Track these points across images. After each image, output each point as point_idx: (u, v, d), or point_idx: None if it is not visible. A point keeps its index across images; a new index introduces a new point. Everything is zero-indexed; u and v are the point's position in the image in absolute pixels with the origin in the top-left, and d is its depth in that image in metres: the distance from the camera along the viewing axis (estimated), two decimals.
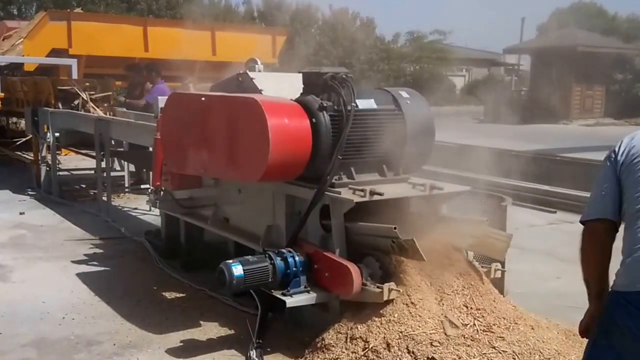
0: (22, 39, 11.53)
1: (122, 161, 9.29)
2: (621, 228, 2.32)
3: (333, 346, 3.53)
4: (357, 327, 3.54)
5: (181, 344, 4.17)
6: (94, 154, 8.95)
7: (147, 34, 12.10)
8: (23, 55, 11.31)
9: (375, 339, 3.44)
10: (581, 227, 2.38)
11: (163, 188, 5.19)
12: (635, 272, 2.18)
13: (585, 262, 2.37)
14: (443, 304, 3.55)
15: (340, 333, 3.57)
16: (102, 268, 5.77)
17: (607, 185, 2.35)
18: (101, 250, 6.30)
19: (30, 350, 4.10)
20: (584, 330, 2.41)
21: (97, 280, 5.39)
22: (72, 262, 5.88)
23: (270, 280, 3.76)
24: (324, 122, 3.82)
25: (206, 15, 14.67)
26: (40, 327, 4.44)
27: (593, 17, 31.00)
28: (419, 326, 3.42)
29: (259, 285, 3.77)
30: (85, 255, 6.11)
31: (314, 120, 3.82)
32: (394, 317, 3.48)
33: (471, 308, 3.54)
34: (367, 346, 3.43)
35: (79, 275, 5.52)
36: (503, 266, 3.92)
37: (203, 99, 4.20)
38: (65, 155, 10.46)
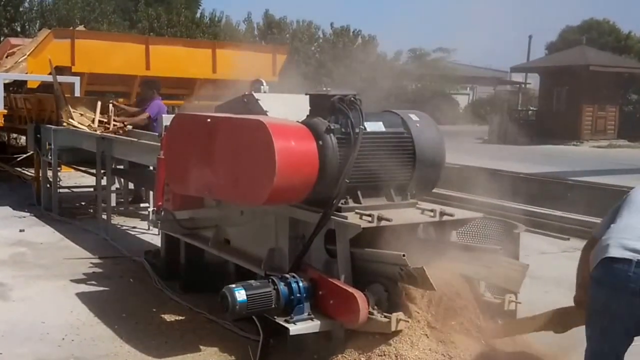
0: (25, 56, 11.56)
1: (122, 179, 9.25)
2: None
3: None
4: (362, 358, 3.45)
5: None
6: (93, 171, 8.94)
7: (149, 52, 12.15)
8: (27, 73, 11.34)
9: None
10: None
11: (164, 208, 5.14)
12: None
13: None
14: (453, 341, 3.45)
15: None
16: (102, 288, 5.70)
17: (610, 213, 3.11)
18: (100, 270, 6.25)
19: None
20: None
21: (96, 301, 5.33)
22: (72, 281, 5.83)
23: (273, 306, 3.68)
24: (331, 145, 3.76)
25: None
26: (40, 347, 4.38)
27: (605, 35, 30.81)
28: None
29: (262, 311, 3.70)
30: (84, 274, 6.06)
31: (320, 142, 3.75)
32: (401, 350, 3.39)
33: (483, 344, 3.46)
34: None
35: (78, 295, 5.46)
36: (517, 297, 3.82)
37: (208, 120, 4.16)
38: (65, 172, 10.41)
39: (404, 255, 3.38)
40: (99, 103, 8.90)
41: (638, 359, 3.10)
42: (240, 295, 3.60)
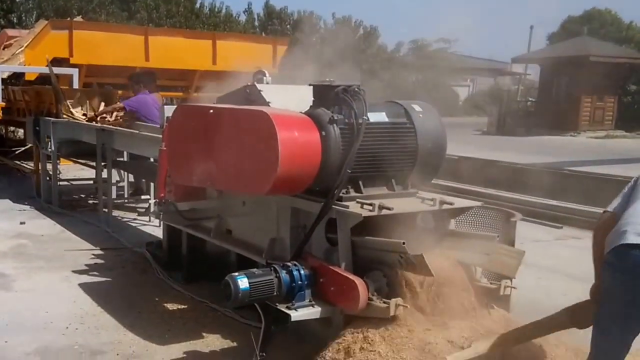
0: (23, 48, 11.53)
1: (122, 171, 9.28)
2: None
3: None
4: (360, 343, 3.51)
5: (184, 355, 4.19)
6: (92, 163, 8.97)
7: (148, 43, 12.11)
8: (24, 65, 11.32)
9: (381, 355, 3.41)
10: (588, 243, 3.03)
11: (166, 199, 5.18)
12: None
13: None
14: (448, 325, 3.52)
15: (341, 350, 3.54)
16: (104, 279, 5.76)
17: (626, 189, 3.09)
18: (102, 261, 6.30)
19: (35, 359, 4.12)
20: None
21: (99, 291, 5.39)
22: (74, 272, 5.88)
23: (275, 293, 3.74)
24: (333, 136, 3.79)
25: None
26: (44, 336, 4.45)
27: (607, 25, 30.64)
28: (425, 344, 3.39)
29: (264, 298, 3.74)
30: (86, 265, 6.11)
31: (323, 133, 3.78)
32: (399, 334, 3.45)
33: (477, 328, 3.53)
34: None
35: (81, 285, 5.52)
36: (512, 283, 3.90)
37: (211, 111, 4.19)
38: (63, 164, 10.44)
39: (404, 243, 3.44)
40: (102, 104, 8.93)
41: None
42: (243, 283, 3.65)
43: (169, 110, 4.97)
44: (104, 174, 7.97)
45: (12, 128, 14.01)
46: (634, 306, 2.77)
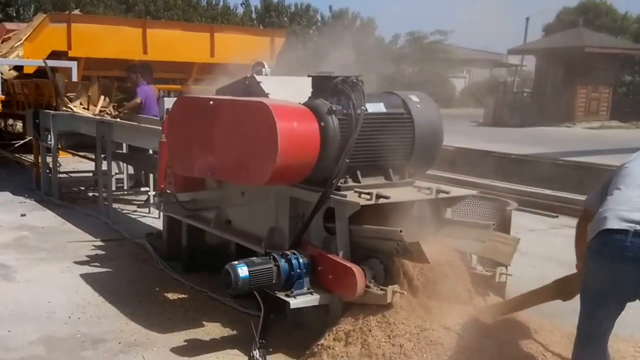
0: (21, 41, 11.54)
1: (122, 163, 9.32)
2: None
3: (332, 348, 3.58)
4: (357, 329, 3.59)
5: (185, 343, 4.23)
6: (92, 156, 9.00)
7: (146, 36, 12.12)
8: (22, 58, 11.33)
9: (377, 342, 3.49)
10: None
11: (167, 191, 5.23)
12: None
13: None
14: (445, 312, 3.59)
15: (339, 337, 3.63)
16: (105, 269, 5.81)
17: (602, 184, 3.15)
18: (103, 252, 6.35)
19: (39, 347, 4.18)
20: None
21: (100, 281, 5.44)
22: (75, 263, 5.93)
23: (274, 281, 3.81)
24: (332, 126, 3.85)
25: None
26: (47, 325, 4.51)
27: (602, 15, 30.56)
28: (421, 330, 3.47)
29: (264, 286, 3.81)
30: (87, 256, 6.16)
31: (322, 124, 3.84)
32: (396, 321, 3.53)
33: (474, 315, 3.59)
34: (367, 348, 3.48)
35: (82, 276, 5.57)
36: (507, 270, 3.97)
37: (211, 102, 4.24)
38: (62, 157, 10.46)
39: (400, 231, 3.50)
40: (103, 98, 8.96)
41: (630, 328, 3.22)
42: (243, 271, 3.71)
43: (169, 103, 5.01)
44: (104, 167, 8.01)
45: (10, 121, 14.03)
46: (617, 289, 2.85)
